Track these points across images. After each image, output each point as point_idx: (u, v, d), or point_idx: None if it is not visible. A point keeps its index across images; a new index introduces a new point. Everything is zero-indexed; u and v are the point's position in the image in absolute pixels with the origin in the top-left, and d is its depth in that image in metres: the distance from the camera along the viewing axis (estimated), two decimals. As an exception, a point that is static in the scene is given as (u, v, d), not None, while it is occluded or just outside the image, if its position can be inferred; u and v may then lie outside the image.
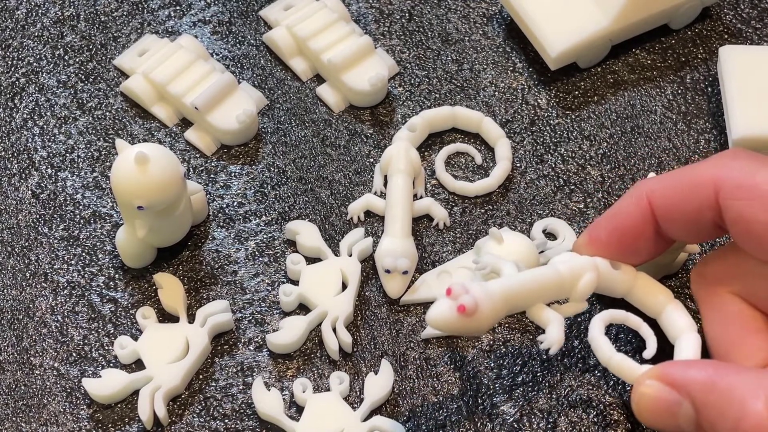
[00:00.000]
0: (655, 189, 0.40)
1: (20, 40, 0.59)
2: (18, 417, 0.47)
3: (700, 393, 0.34)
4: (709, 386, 0.33)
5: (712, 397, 0.33)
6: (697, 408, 0.34)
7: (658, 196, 0.39)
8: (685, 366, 0.35)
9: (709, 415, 0.33)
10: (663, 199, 0.39)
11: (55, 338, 0.49)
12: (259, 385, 0.47)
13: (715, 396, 0.33)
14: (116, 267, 0.51)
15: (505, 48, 0.58)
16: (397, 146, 0.52)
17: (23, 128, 0.56)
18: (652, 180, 0.41)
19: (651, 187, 0.40)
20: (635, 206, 0.40)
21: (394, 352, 0.49)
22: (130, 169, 0.46)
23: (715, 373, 0.34)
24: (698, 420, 0.34)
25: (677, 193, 0.39)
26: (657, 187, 0.40)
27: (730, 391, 0.33)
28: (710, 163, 0.39)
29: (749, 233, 0.36)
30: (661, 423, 0.35)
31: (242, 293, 0.50)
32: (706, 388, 0.34)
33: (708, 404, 0.33)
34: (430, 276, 0.50)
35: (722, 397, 0.33)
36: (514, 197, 0.53)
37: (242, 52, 0.58)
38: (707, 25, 0.59)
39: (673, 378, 0.35)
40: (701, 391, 0.34)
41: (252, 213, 0.53)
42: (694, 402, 0.34)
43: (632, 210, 0.40)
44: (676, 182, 0.39)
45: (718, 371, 0.34)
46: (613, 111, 0.56)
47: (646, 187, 0.40)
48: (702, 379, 0.34)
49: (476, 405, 0.47)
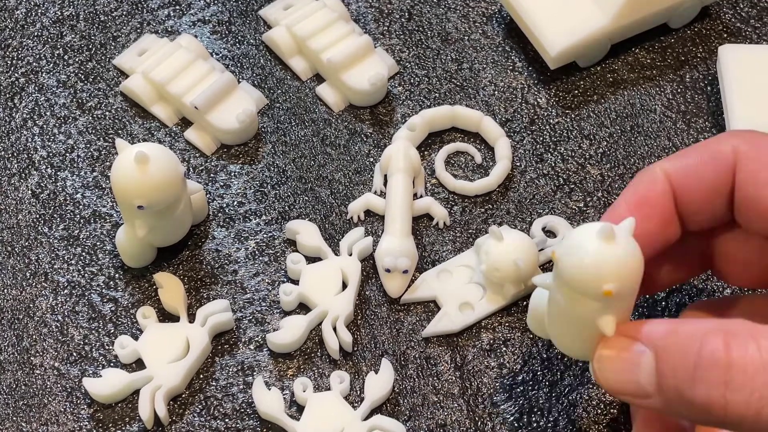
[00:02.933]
0: (668, 164, 0.39)
1: (20, 39, 0.59)
2: (18, 417, 0.47)
3: (661, 339, 0.34)
4: (671, 332, 0.34)
5: (672, 340, 0.33)
6: (658, 355, 0.33)
7: (674, 168, 0.38)
8: (647, 322, 0.35)
9: (670, 359, 0.33)
10: (680, 169, 0.38)
11: (55, 338, 0.49)
12: (260, 385, 0.47)
13: (675, 339, 0.33)
14: (116, 267, 0.51)
15: (505, 47, 0.58)
16: (397, 145, 0.52)
17: (23, 128, 0.56)
18: (662, 161, 0.40)
19: (664, 164, 0.39)
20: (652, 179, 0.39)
21: (394, 351, 0.49)
22: (130, 169, 0.46)
23: (677, 322, 0.34)
24: (659, 369, 0.33)
25: (696, 162, 0.38)
26: (671, 161, 0.39)
27: (691, 333, 0.33)
28: (727, 134, 0.39)
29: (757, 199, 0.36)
30: (622, 380, 0.35)
31: (242, 293, 0.50)
32: (667, 334, 0.34)
33: (668, 348, 0.33)
34: (430, 275, 0.50)
35: (682, 339, 0.33)
36: (514, 196, 0.53)
37: (242, 51, 0.58)
38: (706, 24, 0.59)
39: (634, 331, 0.35)
40: (662, 337, 0.34)
41: (252, 212, 0.53)
42: (656, 349, 0.34)
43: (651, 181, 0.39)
44: (693, 152, 0.39)
45: (679, 321, 0.34)
46: (612, 110, 0.56)
47: (658, 165, 0.39)
48: (663, 328, 0.34)
49: (476, 404, 0.47)
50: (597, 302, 0.34)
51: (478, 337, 0.49)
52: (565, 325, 0.36)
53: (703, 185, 0.38)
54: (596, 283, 0.34)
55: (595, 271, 0.34)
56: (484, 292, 0.49)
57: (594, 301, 0.34)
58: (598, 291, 0.34)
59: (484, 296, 0.49)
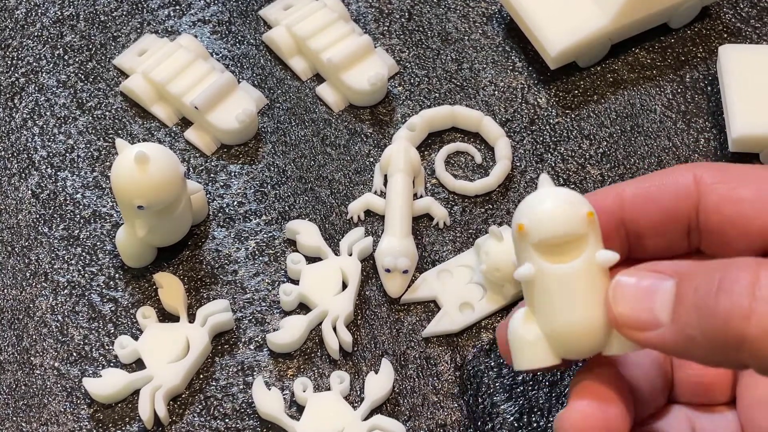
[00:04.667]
0: (625, 186, 0.38)
1: (20, 39, 0.59)
2: (18, 417, 0.47)
3: (686, 266, 0.32)
4: (697, 263, 0.32)
5: (699, 267, 0.32)
6: (680, 280, 0.32)
7: (630, 190, 0.38)
8: (673, 261, 0.34)
9: (693, 281, 0.31)
10: (636, 189, 0.38)
11: (55, 338, 0.49)
12: (260, 385, 0.47)
13: (701, 266, 0.32)
14: (116, 267, 0.51)
15: (505, 47, 0.58)
16: (397, 145, 0.52)
17: (23, 128, 0.56)
18: (620, 183, 0.39)
19: (620, 186, 0.38)
20: (601, 196, 0.38)
21: (394, 351, 0.49)
22: (130, 169, 0.46)
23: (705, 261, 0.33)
24: (679, 293, 0.32)
25: (653, 184, 0.38)
26: (629, 184, 0.38)
27: (718, 262, 0.32)
28: (683, 165, 0.38)
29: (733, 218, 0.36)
30: (635, 307, 0.33)
31: (242, 293, 0.50)
32: (693, 263, 0.32)
33: (693, 272, 0.32)
34: (430, 275, 0.50)
35: (709, 265, 0.32)
36: (514, 196, 0.53)
37: (242, 51, 0.58)
38: (707, 24, 0.59)
39: (658, 266, 0.34)
40: (687, 266, 0.32)
41: (252, 212, 0.53)
42: (679, 276, 0.32)
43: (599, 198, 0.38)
44: (652, 177, 0.38)
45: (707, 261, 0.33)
46: (612, 110, 0.56)
47: (615, 186, 0.39)
48: (690, 263, 0.33)
49: (476, 404, 0.47)
50: (584, 238, 0.33)
51: (478, 337, 0.49)
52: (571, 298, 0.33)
53: (658, 207, 0.37)
54: (576, 211, 0.33)
55: (568, 202, 0.33)
56: (484, 292, 0.49)
57: (581, 241, 0.33)
58: (581, 217, 0.33)
59: (484, 296, 0.49)
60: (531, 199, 0.34)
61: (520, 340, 0.34)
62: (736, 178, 0.36)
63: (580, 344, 0.33)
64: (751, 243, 0.36)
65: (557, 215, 0.33)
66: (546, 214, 0.33)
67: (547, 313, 0.33)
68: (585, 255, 0.33)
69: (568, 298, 0.33)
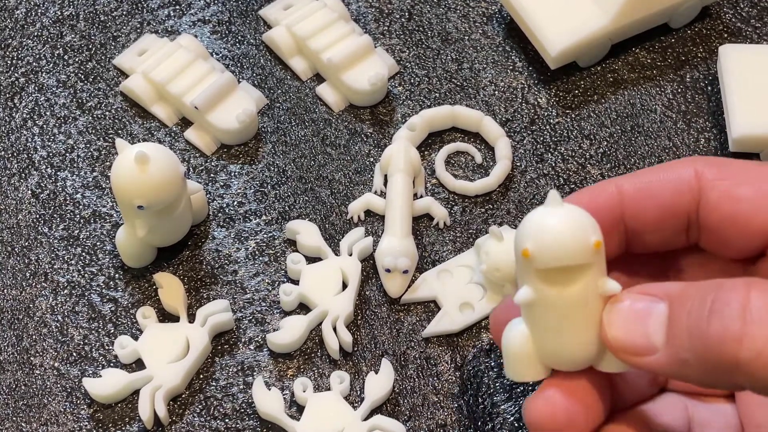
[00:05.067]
0: (625, 179, 0.38)
1: (20, 39, 0.59)
2: (18, 417, 0.47)
3: (678, 289, 0.32)
4: (689, 285, 0.32)
5: (690, 290, 0.32)
6: (672, 303, 0.32)
7: (630, 184, 0.38)
8: (658, 284, 0.34)
9: (685, 304, 0.31)
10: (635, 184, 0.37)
11: (55, 338, 0.49)
12: (260, 385, 0.47)
13: (693, 289, 0.32)
14: (116, 267, 0.51)
15: (505, 47, 0.58)
16: (397, 145, 0.52)
17: (23, 128, 0.56)
18: (620, 176, 0.39)
19: (620, 180, 0.38)
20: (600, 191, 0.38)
21: (394, 351, 0.49)
22: (130, 169, 0.46)
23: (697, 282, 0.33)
24: (671, 316, 0.32)
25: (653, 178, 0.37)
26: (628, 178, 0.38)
27: (711, 282, 0.32)
28: (685, 159, 0.38)
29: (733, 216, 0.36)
30: (630, 330, 0.33)
31: (242, 293, 0.50)
32: (685, 286, 0.32)
33: (684, 296, 0.32)
34: (430, 275, 0.50)
35: (700, 287, 0.32)
36: (514, 196, 0.53)
37: (242, 51, 0.58)
38: (707, 24, 0.59)
39: (650, 289, 0.34)
40: (679, 288, 0.32)
41: (252, 212, 0.53)
42: (670, 299, 0.32)
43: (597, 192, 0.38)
44: (653, 171, 0.38)
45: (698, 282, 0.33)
46: (613, 110, 0.56)
47: (614, 180, 0.38)
48: (681, 284, 0.33)
49: (476, 404, 0.47)
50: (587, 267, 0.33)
51: (479, 337, 0.49)
52: (569, 325, 0.33)
53: (658, 203, 0.37)
54: (584, 241, 0.32)
55: (577, 230, 0.32)
56: (484, 292, 0.49)
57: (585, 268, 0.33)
58: (589, 247, 0.32)
59: (485, 296, 0.49)
60: (537, 219, 0.33)
61: (514, 353, 0.34)
62: (737, 174, 0.36)
63: (572, 362, 0.34)
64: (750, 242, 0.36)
65: (564, 244, 0.32)
66: (552, 241, 0.32)
67: (542, 334, 0.34)
68: (586, 282, 0.33)
69: (565, 323, 0.33)
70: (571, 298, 0.33)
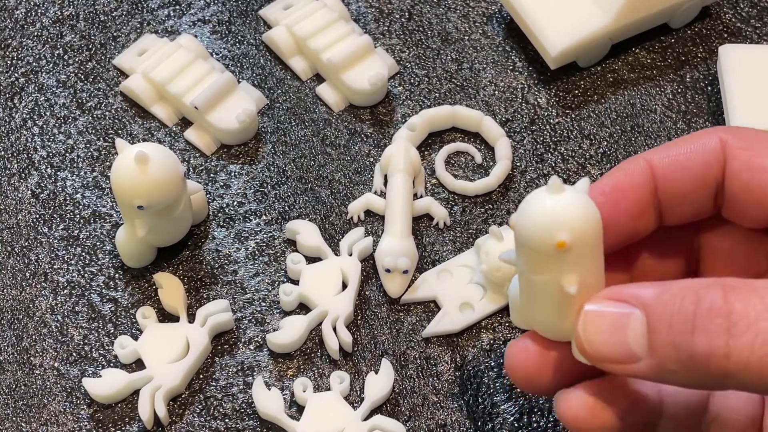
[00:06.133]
0: (654, 154, 0.38)
1: (20, 39, 0.59)
2: (18, 417, 0.47)
3: (652, 297, 0.32)
4: (662, 290, 0.32)
5: (665, 297, 0.32)
6: (649, 313, 0.32)
7: (659, 158, 0.37)
8: (629, 285, 0.33)
9: (664, 314, 0.31)
10: (665, 158, 0.37)
11: (55, 338, 0.49)
12: (260, 385, 0.47)
13: (668, 296, 0.32)
14: (116, 267, 0.51)
15: (505, 47, 0.58)
16: (397, 145, 0.52)
17: (23, 128, 0.56)
18: (649, 151, 0.39)
19: (649, 154, 0.38)
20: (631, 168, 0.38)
21: (394, 351, 0.49)
22: (130, 169, 0.46)
23: (665, 282, 0.32)
24: (651, 326, 0.32)
25: (681, 151, 0.37)
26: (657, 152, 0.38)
27: (685, 288, 0.31)
28: (713, 128, 0.38)
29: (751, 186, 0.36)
30: (609, 343, 0.33)
31: (242, 293, 0.50)
32: (658, 292, 0.32)
33: (661, 305, 0.32)
34: (430, 275, 0.50)
35: (677, 294, 0.31)
36: (515, 196, 0.53)
37: (242, 51, 0.58)
38: (707, 24, 0.59)
39: (620, 294, 0.34)
40: (653, 296, 0.32)
41: (252, 212, 0.53)
42: (645, 308, 0.32)
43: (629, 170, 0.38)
44: (680, 143, 0.38)
45: (667, 282, 0.32)
46: (613, 110, 0.56)
47: (643, 155, 0.38)
48: (652, 288, 0.32)
49: (477, 404, 0.47)
50: (555, 260, 0.32)
51: (479, 337, 0.49)
52: (538, 301, 0.34)
53: (689, 175, 0.37)
54: (549, 234, 0.32)
55: (546, 221, 0.32)
56: (484, 292, 0.49)
57: (552, 260, 0.33)
58: (551, 243, 0.32)
59: (485, 296, 0.49)
60: (529, 198, 0.33)
61: (511, 300, 0.37)
62: (760, 144, 0.36)
63: (544, 333, 0.35)
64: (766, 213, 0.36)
65: (532, 230, 0.32)
66: (526, 223, 0.33)
67: (524, 301, 0.35)
68: (553, 273, 0.33)
69: (533, 299, 0.34)
70: (537, 282, 0.33)
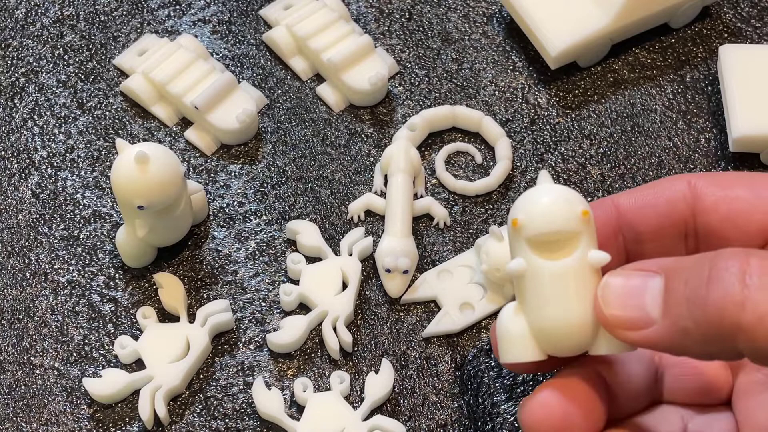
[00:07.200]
0: (621, 196, 0.38)
1: (20, 39, 0.59)
2: (18, 417, 0.47)
3: (673, 262, 0.32)
4: (683, 257, 0.32)
5: (685, 262, 0.32)
6: (668, 275, 0.32)
7: (626, 199, 0.38)
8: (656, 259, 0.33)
9: (682, 274, 0.31)
10: (631, 197, 0.38)
11: (55, 338, 0.49)
12: (260, 385, 0.47)
13: (687, 260, 0.32)
14: (116, 267, 0.51)
15: (505, 47, 0.58)
16: (398, 145, 0.52)
17: (23, 128, 0.56)
18: (616, 194, 0.39)
19: (616, 197, 0.39)
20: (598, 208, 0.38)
21: (394, 351, 0.49)
22: (130, 169, 0.46)
23: None
24: (668, 287, 0.32)
25: (647, 192, 0.38)
26: (624, 194, 0.38)
27: (704, 254, 0.32)
28: (680, 174, 0.39)
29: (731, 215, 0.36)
30: (625, 305, 0.33)
31: (242, 293, 0.50)
32: (680, 258, 0.32)
33: (680, 267, 0.32)
34: (430, 275, 0.50)
35: (695, 258, 0.32)
36: (515, 196, 0.53)
37: (242, 51, 0.58)
38: (707, 24, 0.59)
39: (642, 264, 0.33)
40: (674, 261, 0.32)
41: (252, 212, 0.53)
42: (665, 272, 0.32)
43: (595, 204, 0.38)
44: (647, 187, 0.38)
45: None
46: (613, 110, 0.56)
47: (611, 197, 0.39)
48: (675, 258, 0.33)
49: (477, 404, 0.47)
50: (577, 236, 0.33)
51: (479, 337, 0.49)
52: (551, 294, 0.33)
53: (654, 211, 0.37)
54: (571, 208, 0.33)
55: (564, 198, 0.33)
56: (484, 292, 0.49)
57: (574, 239, 0.33)
58: (576, 214, 0.33)
59: (485, 296, 0.49)
60: (528, 194, 0.34)
61: (506, 332, 0.34)
62: (729, 180, 0.36)
63: (566, 341, 0.33)
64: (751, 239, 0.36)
65: (552, 211, 0.33)
66: (541, 209, 0.33)
67: (534, 308, 0.33)
68: (577, 253, 0.33)
69: (557, 294, 0.33)
70: (562, 269, 0.33)
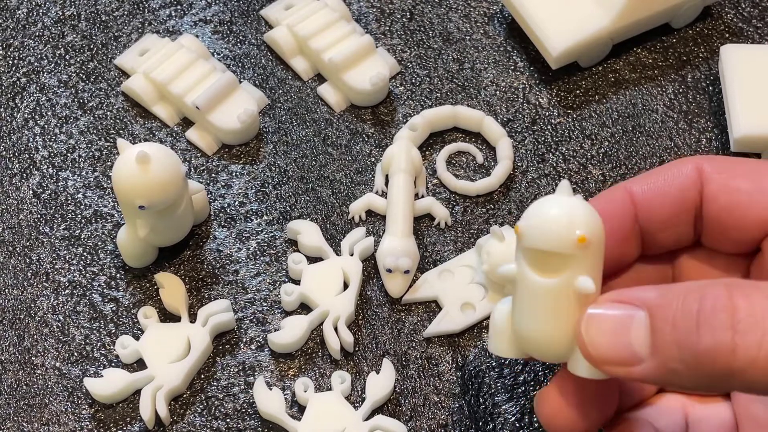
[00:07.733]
0: (632, 183, 0.38)
1: (21, 39, 0.59)
2: (20, 417, 0.47)
3: (655, 298, 0.32)
4: (665, 291, 0.32)
5: (668, 297, 0.31)
6: (652, 313, 0.31)
7: (638, 187, 0.38)
8: (632, 288, 0.33)
9: (668, 314, 0.31)
10: (644, 186, 0.37)
11: (56, 338, 0.49)
12: (261, 385, 0.47)
13: (671, 295, 0.31)
14: (117, 267, 0.51)
15: (506, 47, 0.58)
16: (399, 145, 0.52)
17: (24, 128, 0.56)
18: (627, 180, 0.39)
19: (628, 184, 0.38)
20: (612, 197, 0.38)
21: (395, 351, 0.49)
22: (131, 169, 0.46)
23: (669, 284, 0.32)
24: (654, 327, 0.31)
25: (659, 178, 0.38)
26: (635, 181, 0.38)
27: (687, 288, 0.31)
28: (686, 158, 0.38)
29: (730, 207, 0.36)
30: (612, 344, 0.32)
31: (244, 293, 0.50)
32: (661, 293, 0.32)
33: (665, 304, 0.31)
34: (431, 275, 0.50)
35: (679, 294, 0.31)
36: (516, 196, 0.53)
37: (243, 51, 0.58)
38: (708, 24, 0.59)
39: (623, 296, 0.33)
40: (656, 296, 0.32)
41: (253, 212, 0.53)
42: (649, 308, 0.32)
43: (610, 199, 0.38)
44: (657, 172, 0.38)
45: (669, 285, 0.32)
46: (614, 110, 0.56)
47: (623, 184, 0.39)
48: (656, 290, 0.32)
49: (478, 404, 0.47)
50: (568, 260, 0.32)
51: (480, 337, 0.49)
52: (540, 309, 0.34)
53: (668, 200, 0.37)
54: (568, 231, 0.32)
55: (565, 219, 0.32)
56: (485, 292, 0.49)
57: (565, 260, 0.33)
58: (572, 239, 0.32)
59: (486, 296, 0.49)
60: (538, 204, 0.34)
61: (494, 326, 0.36)
62: (734, 168, 0.37)
63: (541, 351, 0.35)
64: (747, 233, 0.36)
65: (550, 229, 0.33)
66: (540, 224, 0.33)
67: (517, 313, 0.34)
68: (565, 276, 0.33)
69: (537, 309, 0.34)
70: (546, 286, 0.33)
